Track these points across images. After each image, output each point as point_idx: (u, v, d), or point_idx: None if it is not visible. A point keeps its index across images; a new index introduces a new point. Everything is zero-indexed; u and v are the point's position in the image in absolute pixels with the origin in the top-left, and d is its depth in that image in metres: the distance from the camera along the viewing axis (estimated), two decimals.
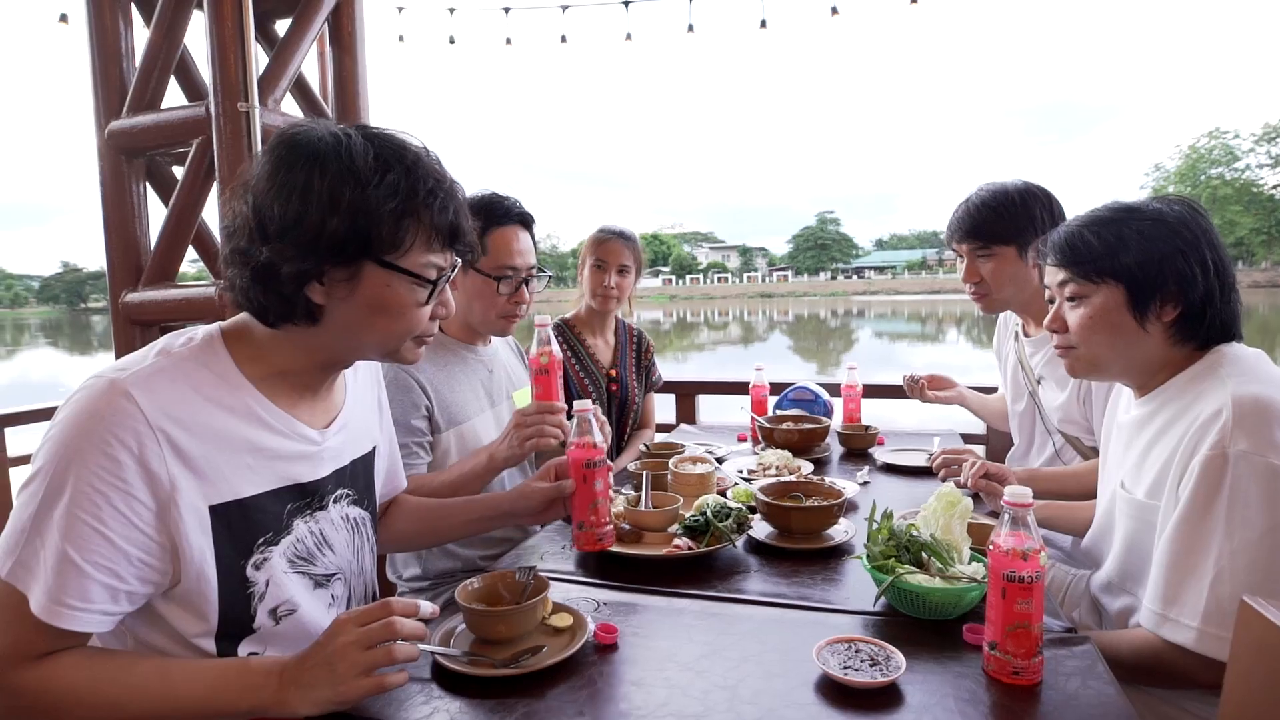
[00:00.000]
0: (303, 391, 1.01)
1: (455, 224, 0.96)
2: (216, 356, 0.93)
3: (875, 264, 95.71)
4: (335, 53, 2.16)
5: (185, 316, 1.94)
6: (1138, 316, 1.18)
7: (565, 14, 4.36)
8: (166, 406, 0.84)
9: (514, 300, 1.68)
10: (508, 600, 1.10)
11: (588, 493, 1.24)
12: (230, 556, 0.90)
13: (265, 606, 0.95)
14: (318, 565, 1.03)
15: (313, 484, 1.01)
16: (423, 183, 0.91)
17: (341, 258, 0.89)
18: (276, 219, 0.86)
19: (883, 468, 2.01)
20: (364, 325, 0.94)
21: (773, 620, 1.13)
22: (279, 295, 0.90)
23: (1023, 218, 1.77)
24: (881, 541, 1.18)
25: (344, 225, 0.86)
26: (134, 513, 0.82)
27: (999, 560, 0.92)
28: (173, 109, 2.01)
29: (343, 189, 0.86)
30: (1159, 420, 1.19)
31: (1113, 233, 1.18)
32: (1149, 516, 1.15)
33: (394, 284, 0.93)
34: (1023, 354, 1.95)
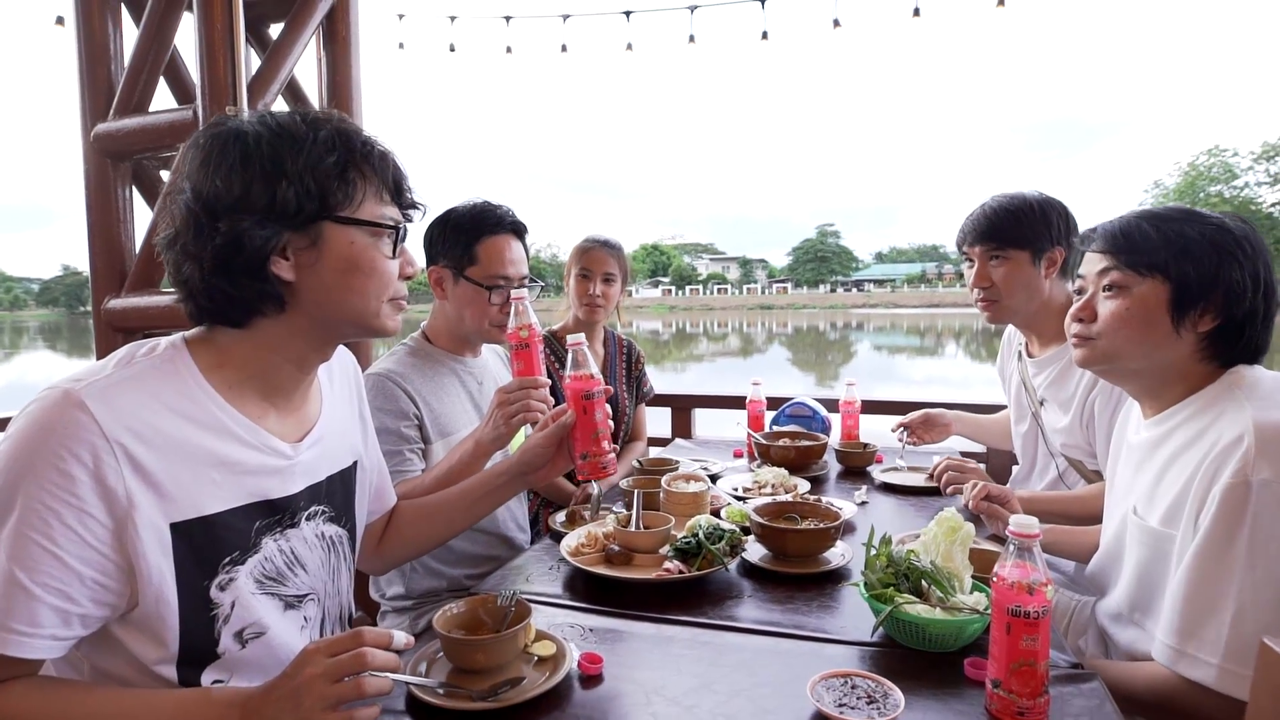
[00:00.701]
0: (274, 400, 0.97)
1: (397, 178, 0.96)
2: (180, 365, 0.88)
3: (875, 277, 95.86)
4: (329, 58, 2.12)
5: (169, 324, 1.89)
6: (1175, 319, 1.13)
7: (566, 23, 4.36)
8: (124, 418, 0.80)
9: (505, 310, 1.64)
10: (489, 626, 1.05)
11: (588, 423, 1.23)
12: (192, 577, 0.86)
13: (230, 630, 0.90)
14: (289, 586, 0.99)
15: (284, 500, 0.96)
16: (355, 136, 0.91)
17: (299, 222, 0.87)
18: (223, 194, 0.84)
19: (881, 487, 1.96)
20: (339, 289, 0.92)
21: (766, 650, 1.08)
22: (246, 278, 0.87)
23: (1040, 224, 1.73)
24: (879, 568, 1.14)
25: (294, 188, 0.85)
26: (88, 531, 0.77)
27: (1003, 593, 0.87)
28: (160, 112, 1.97)
29: (281, 153, 0.85)
30: (1173, 442, 1.15)
31: (1174, 229, 1.14)
32: (1164, 545, 1.10)
33: (357, 239, 0.91)
34: (1025, 374, 1.91)
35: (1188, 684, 1.01)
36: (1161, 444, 1.18)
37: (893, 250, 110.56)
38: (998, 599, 0.88)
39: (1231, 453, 1.01)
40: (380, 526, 1.30)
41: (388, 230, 0.94)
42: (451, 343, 1.71)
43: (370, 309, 0.96)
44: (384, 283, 0.95)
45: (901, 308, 73.65)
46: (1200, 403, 1.14)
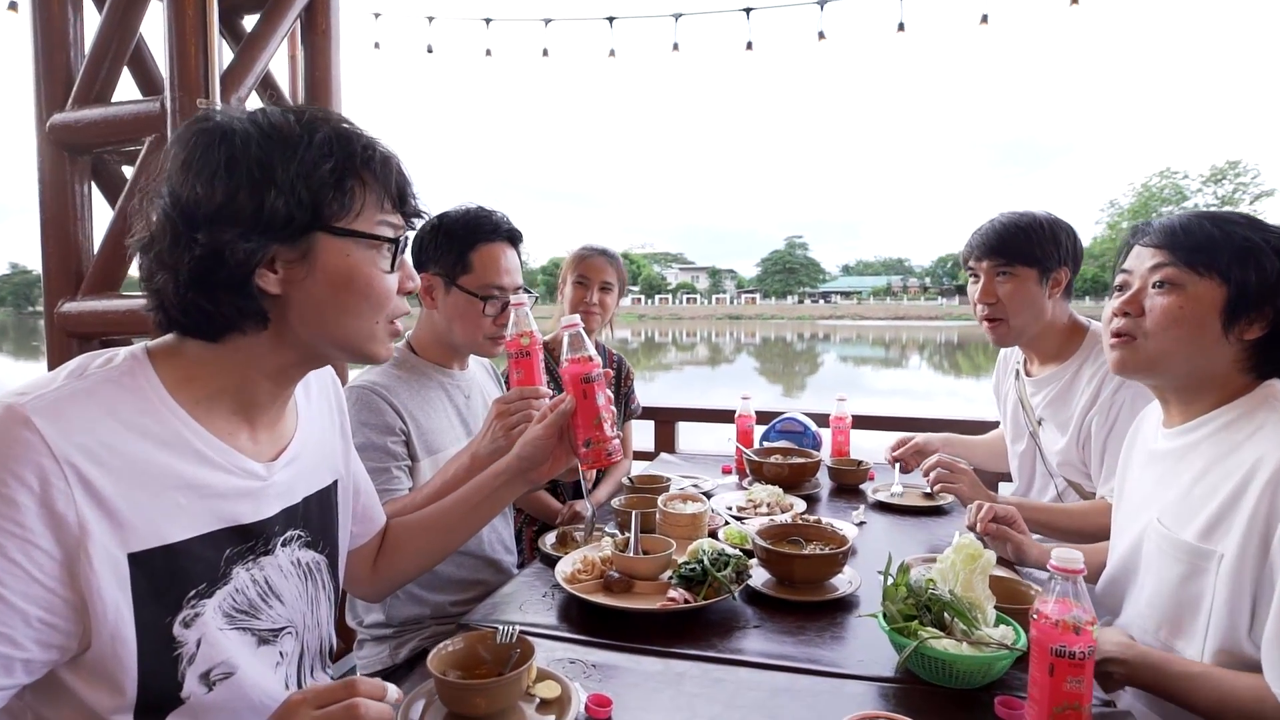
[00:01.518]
0: (248, 416, 0.87)
1: (401, 185, 0.88)
2: (141, 378, 0.79)
3: (842, 289, 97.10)
4: (308, 53, 2.02)
5: (130, 330, 1.77)
6: (1226, 323, 1.09)
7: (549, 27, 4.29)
8: (76, 436, 0.71)
9: (499, 321, 1.56)
10: (488, 665, 0.97)
11: (590, 408, 1.15)
12: (153, 613, 0.76)
13: (195, 671, 0.80)
14: (262, 619, 0.89)
15: (257, 525, 0.87)
16: (356, 140, 0.83)
17: (289, 233, 0.79)
18: (204, 201, 0.76)
19: (875, 506, 1.92)
20: (331, 306, 0.84)
21: (783, 688, 1.01)
22: (227, 293, 0.78)
23: (1049, 243, 1.71)
24: (899, 599, 1.08)
25: (284, 197, 0.77)
26: (34, 564, 0.68)
27: (1046, 633, 0.82)
28: (124, 103, 1.84)
29: (271, 157, 0.77)
30: (1205, 453, 1.10)
31: (1238, 232, 1.10)
32: (1201, 561, 1.04)
33: (353, 251, 0.83)
34: (1023, 393, 1.88)
35: None
36: (1190, 453, 1.13)
37: (859, 263, 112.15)
38: (1039, 638, 0.83)
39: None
40: (372, 549, 1.21)
41: (386, 243, 0.86)
42: (439, 354, 1.62)
43: (364, 330, 0.87)
44: (381, 300, 0.87)
45: (867, 319, 74.71)
46: (1235, 413, 1.09)
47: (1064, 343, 1.78)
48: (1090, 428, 1.64)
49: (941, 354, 36.21)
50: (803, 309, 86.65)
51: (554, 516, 1.93)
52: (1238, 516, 1.00)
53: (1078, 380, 1.71)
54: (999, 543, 1.49)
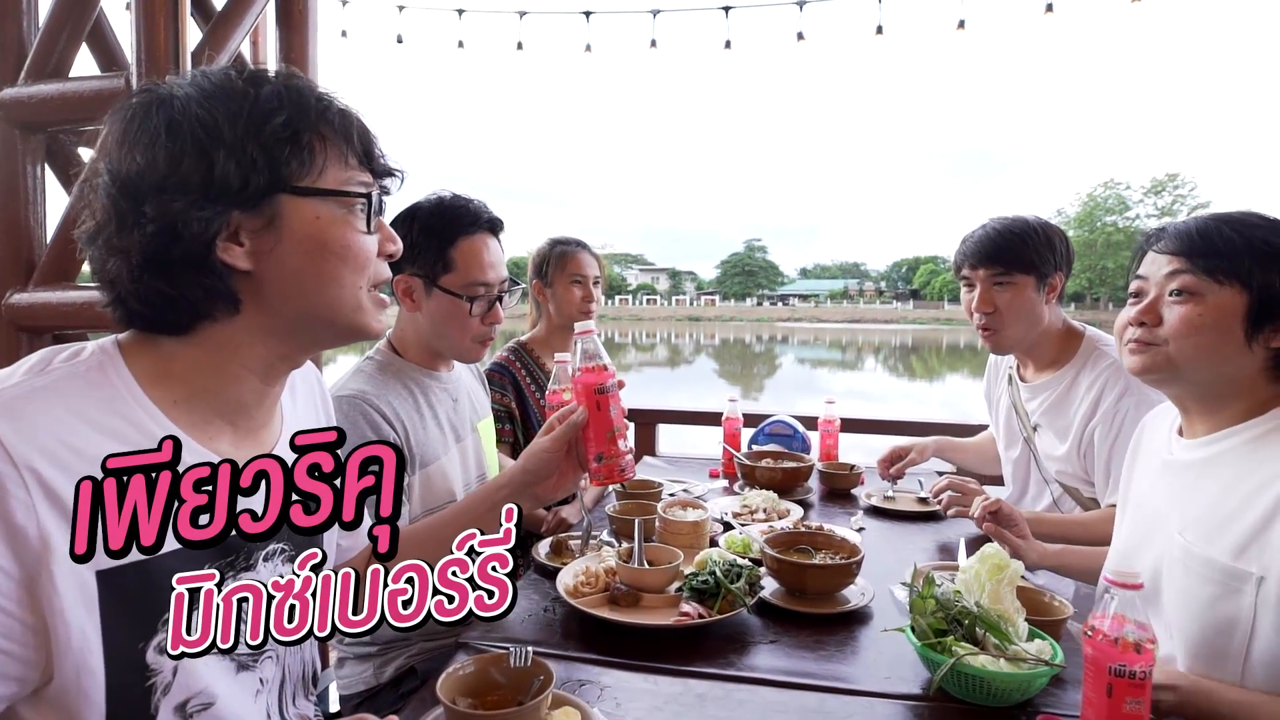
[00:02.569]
0: (230, 419, 0.79)
1: (365, 139, 0.80)
2: (112, 374, 0.72)
3: (800, 292, 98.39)
4: (283, 33, 1.90)
5: (86, 325, 1.62)
6: (1250, 331, 1.04)
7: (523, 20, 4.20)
8: (39, 439, 0.64)
9: (488, 320, 1.47)
10: (503, 690, 0.90)
11: (603, 420, 1.07)
12: (123, 637, 0.68)
13: (170, 702, 0.72)
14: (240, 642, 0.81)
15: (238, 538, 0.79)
16: (309, 93, 0.76)
17: (248, 198, 0.71)
18: (146, 172, 0.69)
19: (870, 511, 1.89)
20: (309, 275, 0.76)
21: (812, 710, 0.97)
22: (188, 271, 0.71)
23: (1044, 248, 1.69)
24: (928, 613, 1.04)
25: (234, 158, 0.70)
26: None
27: (1104, 651, 0.79)
28: (83, 79, 1.70)
29: (214, 116, 0.70)
30: (1234, 465, 1.06)
31: (1259, 236, 1.06)
32: (1238, 584, 0.99)
33: (323, 213, 0.76)
34: (1018, 399, 1.87)
35: None
36: (1216, 465, 1.09)
37: (817, 266, 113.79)
38: (1096, 656, 0.79)
39: None
40: (360, 564, 1.12)
41: (359, 200, 0.78)
42: (424, 356, 1.51)
43: (348, 299, 0.79)
44: (361, 263, 0.79)
45: (824, 322, 75.83)
46: (1266, 426, 1.05)
47: (1060, 349, 1.78)
48: (1093, 437, 1.63)
49: (896, 357, 36.96)
50: (761, 311, 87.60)
51: (539, 524, 1.84)
52: (1275, 537, 0.96)
53: (1076, 387, 1.71)
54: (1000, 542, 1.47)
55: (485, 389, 1.81)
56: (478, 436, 1.62)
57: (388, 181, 0.84)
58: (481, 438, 1.64)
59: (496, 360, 2.12)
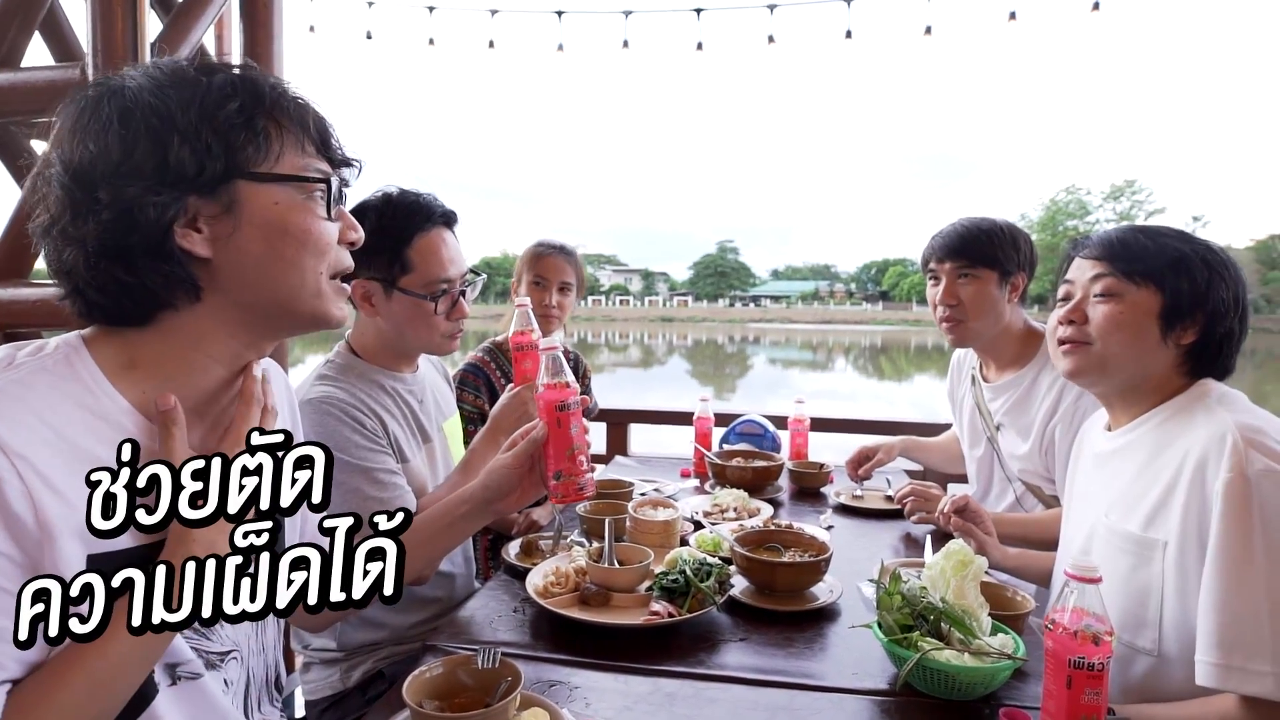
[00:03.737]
0: (199, 411, 0.79)
1: (321, 128, 0.80)
2: (80, 367, 0.71)
3: (771, 293, 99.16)
4: (248, 27, 1.86)
5: (38, 323, 1.57)
6: (1164, 329, 1.15)
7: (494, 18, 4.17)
8: (23, 429, 0.65)
9: (454, 315, 1.44)
10: (470, 692, 0.89)
11: (563, 437, 1.08)
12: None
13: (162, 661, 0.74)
14: (212, 640, 0.82)
15: None
16: (262, 81, 0.75)
17: (205, 184, 0.71)
18: (99, 159, 0.68)
19: (838, 509, 1.91)
20: (268, 261, 0.75)
21: (781, 706, 0.97)
22: (145, 258, 0.70)
23: (1009, 247, 1.74)
24: (894, 609, 1.05)
25: (189, 144, 0.69)
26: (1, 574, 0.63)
27: (1063, 644, 0.80)
28: (35, 69, 1.64)
29: (167, 103, 0.69)
30: (1144, 448, 1.16)
31: (1170, 244, 1.17)
32: (1148, 552, 1.09)
33: (281, 198, 0.75)
34: (981, 398, 1.90)
35: (1249, 704, 0.95)
36: (1130, 450, 1.19)
37: (788, 268, 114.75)
38: (1056, 649, 0.81)
39: (1218, 450, 1.02)
40: None
41: (318, 185, 0.78)
42: (387, 358, 1.46)
43: (309, 285, 0.78)
44: (321, 249, 0.78)
45: (795, 323, 76.49)
46: (1169, 410, 1.16)
47: (1021, 348, 1.82)
48: (1054, 435, 1.67)
49: (866, 357, 37.43)
50: (734, 312, 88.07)
51: (510, 526, 1.83)
52: (1174, 504, 1.05)
53: (1037, 386, 1.75)
54: (965, 538, 1.49)
55: (451, 386, 1.79)
56: (444, 437, 1.60)
57: (346, 171, 0.84)
58: (448, 438, 1.62)
59: (470, 361, 2.09)
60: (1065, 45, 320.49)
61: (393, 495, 1.29)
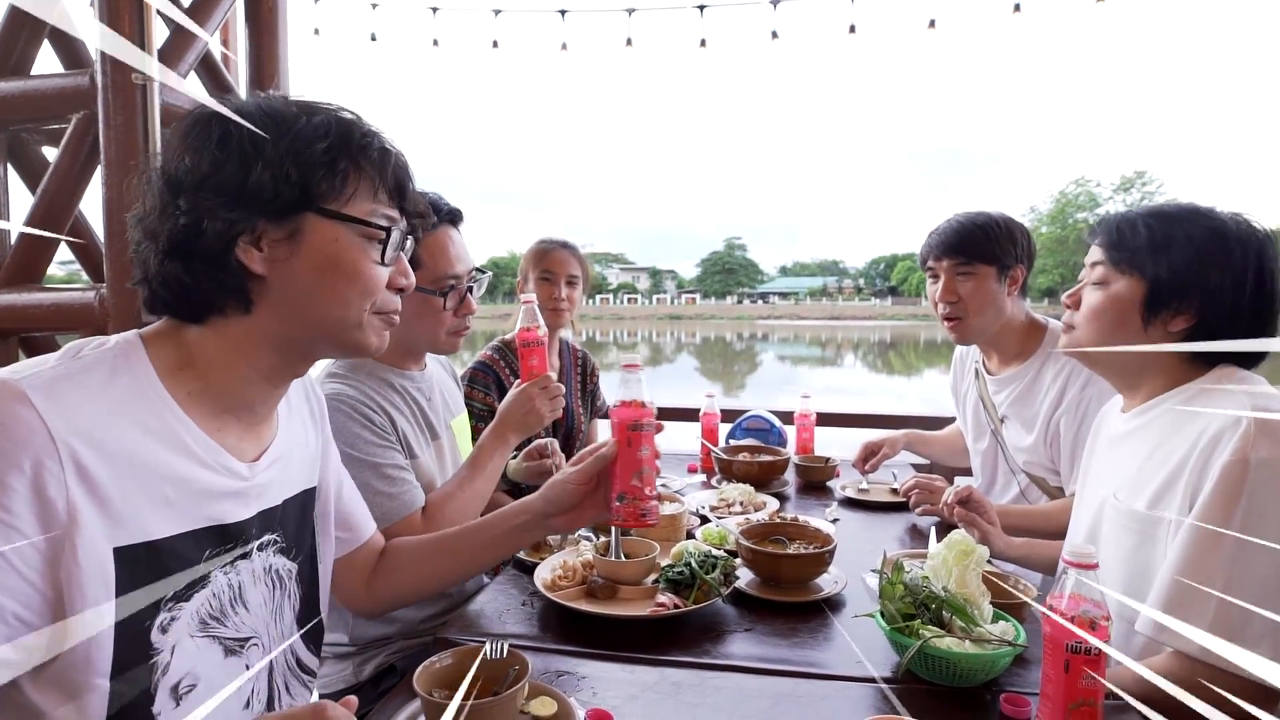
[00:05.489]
0: (237, 414, 0.83)
1: (400, 179, 0.85)
2: (135, 364, 0.75)
3: (779, 290, 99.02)
4: (253, 31, 1.88)
5: (54, 326, 1.60)
6: (1146, 317, 1.14)
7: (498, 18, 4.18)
8: (74, 417, 0.67)
9: (461, 312, 1.47)
10: (481, 683, 0.91)
11: (631, 459, 1.05)
12: (133, 615, 0.71)
13: (168, 683, 0.75)
14: (229, 626, 0.84)
15: (235, 526, 0.83)
16: (356, 128, 0.81)
17: (276, 210, 0.77)
18: (191, 171, 0.75)
19: (844, 502, 1.92)
20: (316, 289, 0.80)
21: (785, 694, 0.98)
22: (204, 264, 0.76)
23: (1006, 241, 1.74)
24: (896, 598, 1.06)
25: (271, 171, 0.75)
26: (15, 552, 0.64)
27: (1060, 630, 0.81)
28: (46, 76, 1.67)
29: (265, 133, 0.75)
30: (1156, 430, 1.14)
31: (1163, 229, 1.13)
32: (1152, 530, 1.08)
33: (341, 237, 0.80)
34: (984, 391, 1.91)
35: (1179, 658, 0.98)
36: (1142, 432, 1.17)
37: (796, 264, 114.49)
38: (1054, 634, 0.82)
39: (1229, 433, 1.00)
40: (365, 563, 1.14)
41: (379, 232, 0.83)
42: (396, 356, 1.49)
43: (350, 318, 0.83)
44: (369, 290, 0.83)
45: (804, 320, 76.35)
46: (1187, 394, 1.13)
47: (1024, 341, 1.82)
48: (1059, 427, 1.67)
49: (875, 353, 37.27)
50: (741, 309, 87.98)
51: None
52: (1180, 482, 1.04)
53: (1041, 379, 1.75)
54: (969, 528, 1.50)
55: (458, 384, 1.81)
56: (452, 434, 1.62)
57: (418, 222, 0.90)
58: (456, 435, 1.64)
59: (480, 359, 2.11)
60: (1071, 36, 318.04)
61: (401, 491, 1.31)
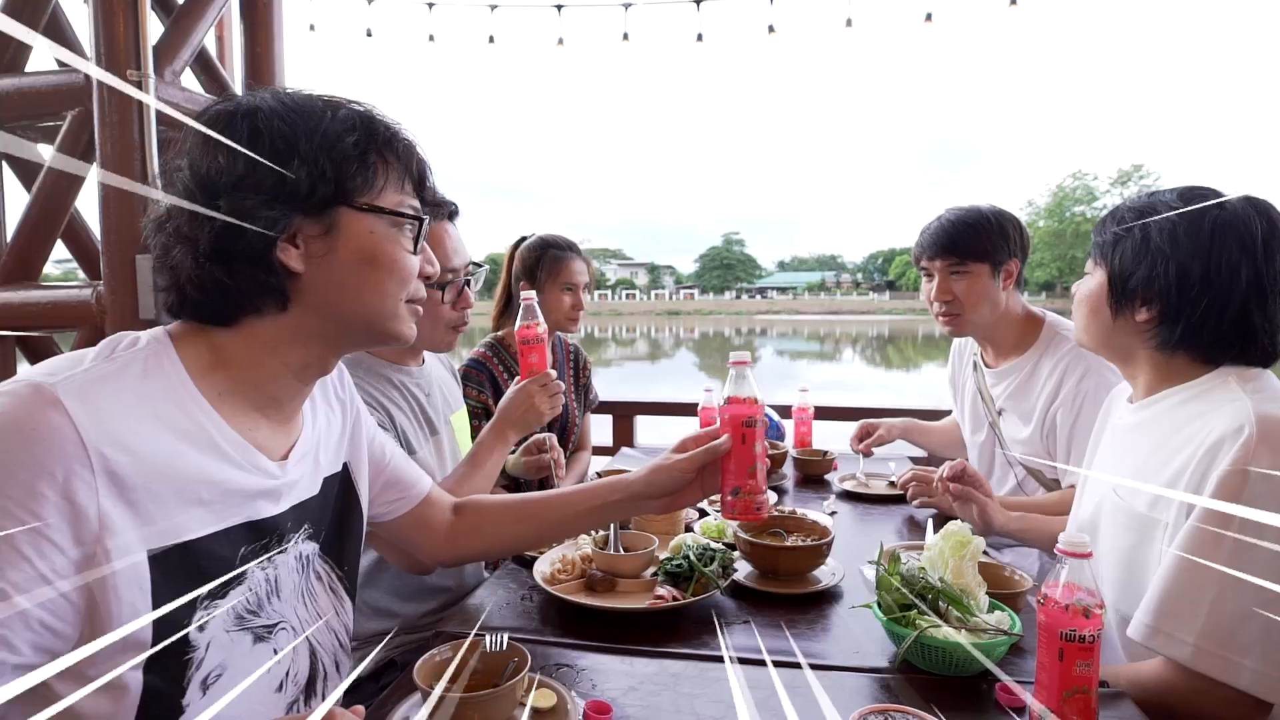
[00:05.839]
0: (267, 412, 0.84)
1: (421, 170, 0.87)
2: (166, 363, 0.75)
3: (778, 285, 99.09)
4: (248, 28, 1.88)
5: (50, 324, 1.60)
6: (1114, 309, 1.17)
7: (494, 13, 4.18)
8: (106, 422, 0.66)
9: (459, 306, 1.47)
10: (479, 675, 0.91)
11: (745, 454, 1.06)
12: (171, 616, 0.71)
13: (199, 676, 0.75)
14: (262, 617, 0.84)
15: (270, 521, 0.83)
16: (378, 120, 0.83)
17: (312, 206, 0.77)
18: (226, 171, 0.74)
19: (842, 495, 1.93)
20: (355, 284, 0.81)
21: (784, 685, 0.99)
22: (247, 265, 0.75)
23: (998, 237, 1.75)
24: (894, 589, 1.07)
25: (306, 167, 0.75)
26: (44, 559, 0.62)
27: (1055, 617, 0.82)
28: (41, 74, 1.67)
29: (294, 129, 0.76)
30: (1159, 428, 1.14)
31: (1131, 219, 1.15)
32: (1148, 530, 1.09)
33: (376, 228, 0.81)
34: (983, 384, 1.91)
35: (1170, 665, 0.99)
36: (1145, 428, 1.18)
37: (794, 259, 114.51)
38: (1049, 622, 0.83)
39: (1230, 441, 1.00)
40: (439, 519, 1.17)
41: (409, 222, 0.84)
42: (393, 351, 1.49)
43: (388, 309, 0.85)
44: (404, 279, 0.85)
45: (803, 314, 76.39)
46: (1190, 392, 1.13)
47: (1021, 334, 1.83)
48: (1055, 419, 1.68)
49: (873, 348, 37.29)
50: (740, 304, 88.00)
51: None
52: (1179, 487, 1.05)
53: (1038, 372, 1.76)
54: (963, 505, 1.52)
55: (457, 381, 1.81)
56: (451, 430, 1.62)
57: (434, 210, 0.91)
58: (455, 431, 1.64)
59: (473, 357, 2.12)
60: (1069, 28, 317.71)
61: None
